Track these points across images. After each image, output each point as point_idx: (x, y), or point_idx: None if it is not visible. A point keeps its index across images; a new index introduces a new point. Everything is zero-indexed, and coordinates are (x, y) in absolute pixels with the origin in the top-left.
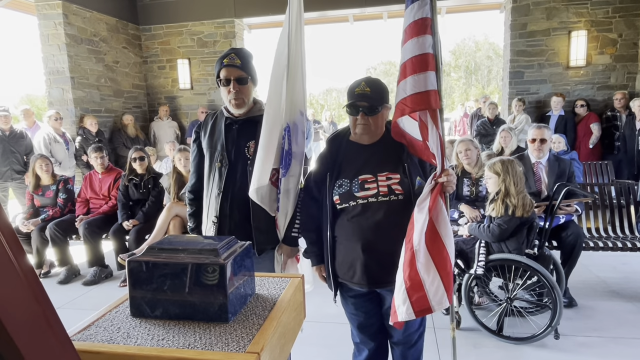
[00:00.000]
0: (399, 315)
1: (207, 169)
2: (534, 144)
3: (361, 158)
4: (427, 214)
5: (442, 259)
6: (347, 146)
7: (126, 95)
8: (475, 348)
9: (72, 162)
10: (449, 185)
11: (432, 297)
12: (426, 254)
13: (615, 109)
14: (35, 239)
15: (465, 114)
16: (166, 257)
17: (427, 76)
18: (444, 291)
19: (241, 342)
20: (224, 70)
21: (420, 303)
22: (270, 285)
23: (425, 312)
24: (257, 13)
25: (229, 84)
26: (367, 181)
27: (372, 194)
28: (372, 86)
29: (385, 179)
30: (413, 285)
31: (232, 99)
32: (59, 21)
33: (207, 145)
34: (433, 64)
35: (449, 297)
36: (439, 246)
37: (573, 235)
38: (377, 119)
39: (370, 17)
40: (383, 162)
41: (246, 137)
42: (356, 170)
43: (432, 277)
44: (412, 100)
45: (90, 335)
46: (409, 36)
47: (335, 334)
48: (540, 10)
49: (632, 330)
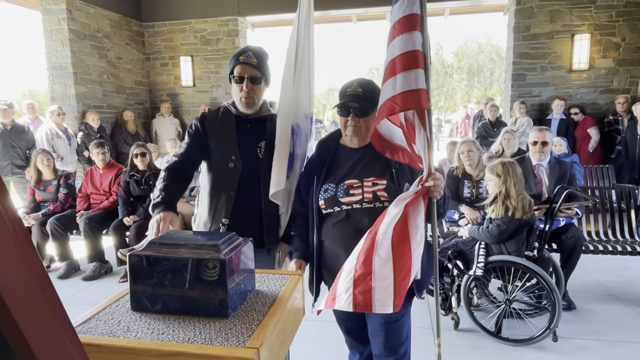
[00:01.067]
0: (338, 302)
1: (211, 168)
2: (536, 146)
3: (349, 162)
4: (402, 210)
5: (404, 262)
6: (336, 150)
7: (128, 91)
8: (474, 349)
9: (74, 158)
10: (436, 190)
11: (377, 295)
12: (388, 251)
13: (617, 113)
14: (35, 233)
15: (467, 116)
16: (167, 252)
17: (417, 74)
18: (392, 295)
19: (241, 337)
20: (239, 67)
21: (363, 298)
22: (270, 282)
23: (364, 308)
24: (260, 11)
25: (242, 82)
26: (352, 186)
27: (357, 200)
28: (365, 87)
29: (371, 185)
30: (362, 275)
31: (243, 98)
32: (62, 16)
33: (215, 142)
34: (422, 62)
35: (396, 303)
36: (404, 248)
37: (573, 238)
38: (368, 121)
39: (374, 17)
40: (370, 166)
41: (258, 137)
42: (342, 175)
43: (385, 275)
44: (402, 99)
45: (90, 328)
46: (397, 32)
47: (333, 332)
48: (544, 13)
49: (630, 334)
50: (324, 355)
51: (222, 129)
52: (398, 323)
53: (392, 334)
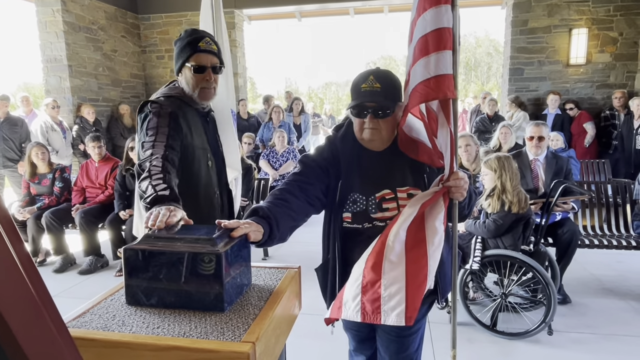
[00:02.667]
0: (345, 312)
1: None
2: (532, 141)
3: (375, 168)
4: (416, 210)
5: (418, 268)
6: (358, 151)
7: (124, 84)
8: (470, 343)
9: (69, 151)
10: (458, 192)
11: (387, 305)
12: (401, 255)
13: (613, 108)
14: (31, 227)
15: (464, 110)
16: (163, 245)
17: (446, 56)
18: (404, 305)
19: (237, 331)
20: (199, 55)
21: (372, 307)
22: (267, 276)
23: (373, 319)
24: (257, 4)
25: (204, 72)
26: (385, 198)
27: (392, 215)
28: (383, 81)
29: (407, 197)
30: (370, 282)
31: (205, 89)
32: (57, 8)
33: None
34: (450, 42)
35: (409, 315)
36: (419, 252)
37: (569, 233)
38: (388, 122)
39: (372, 10)
40: (402, 173)
41: (215, 131)
42: (372, 184)
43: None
44: (436, 83)
45: (85, 322)
46: (429, 4)
47: (330, 327)
48: (542, 7)
49: (625, 327)
50: (320, 349)
51: (191, 124)
52: (412, 337)
53: (404, 346)
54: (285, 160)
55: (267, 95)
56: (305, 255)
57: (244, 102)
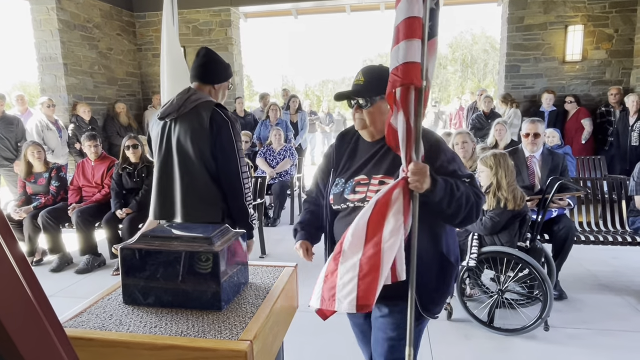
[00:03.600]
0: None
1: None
2: (528, 138)
3: (364, 157)
4: (376, 200)
5: (372, 258)
6: (355, 143)
7: (120, 83)
8: (467, 339)
9: (65, 150)
10: (414, 182)
11: (340, 292)
12: (358, 244)
13: (609, 105)
14: (27, 226)
15: (460, 107)
16: (159, 244)
17: (414, 44)
18: (355, 296)
19: (234, 330)
20: None
21: (329, 294)
22: (264, 274)
23: (329, 305)
24: (253, 1)
25: None
26: (360, 183)
27: (360, 198)
28: (367, 75)
29: (378, 183)
30: (330, 270)
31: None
32: (51, 6)
33: None
34: (420, 31)
35: (360, 303)
36: (374, 243)
37: (565, 229)
38: (373, 113)
39: (368, 7)
40: (381, 163)
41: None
42: (353, 170)
43: (347, 270)
44: (403, 70)
45: (82, 322)
46: None
47: (328, 325)
48: (538, 4)
49: (620, 322)
50: (318, 346)
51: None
52: (403, 342)
53: (396, 351)
54: (282, 158)
55: (263, 93)
56: None
57: (241, 100)
